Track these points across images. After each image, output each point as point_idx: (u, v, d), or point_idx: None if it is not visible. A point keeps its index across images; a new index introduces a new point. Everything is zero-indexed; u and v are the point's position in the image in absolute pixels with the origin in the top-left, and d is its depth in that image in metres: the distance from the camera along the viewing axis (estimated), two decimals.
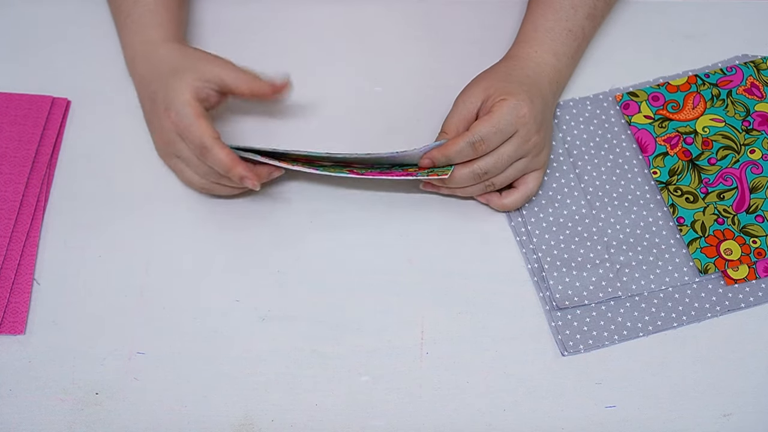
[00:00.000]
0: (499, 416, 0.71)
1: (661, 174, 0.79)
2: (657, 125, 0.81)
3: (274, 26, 0.87)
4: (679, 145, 0.80)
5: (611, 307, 0.74)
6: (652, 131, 0.81)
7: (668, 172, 0.79)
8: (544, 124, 0.76)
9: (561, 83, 0.80)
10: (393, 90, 0.84)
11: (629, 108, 0.82)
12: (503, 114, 0.73)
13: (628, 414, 0.71)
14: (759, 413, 0.71)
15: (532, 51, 0.79)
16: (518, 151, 0.74)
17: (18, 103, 0.82)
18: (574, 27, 0.80)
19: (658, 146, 0.80)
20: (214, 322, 0.74)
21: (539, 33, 0.80)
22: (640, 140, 0.80)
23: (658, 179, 0.79)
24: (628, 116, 0.82)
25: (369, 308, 0.75)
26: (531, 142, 0.74)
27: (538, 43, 0.79)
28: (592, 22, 0.81)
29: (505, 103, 0.73)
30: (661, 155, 0.80)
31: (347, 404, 0.71)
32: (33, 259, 0.76)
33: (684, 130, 0.80)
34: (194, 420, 0.70)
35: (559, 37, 0.79)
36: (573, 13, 0.80)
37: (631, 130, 0.81)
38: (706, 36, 0.87)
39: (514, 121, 0.73)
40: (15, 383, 0.71)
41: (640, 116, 0.82)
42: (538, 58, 0.79)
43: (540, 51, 0.79)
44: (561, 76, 0.80)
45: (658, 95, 0.83)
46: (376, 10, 0.89)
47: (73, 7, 0.88)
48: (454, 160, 0.74)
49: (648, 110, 0.82)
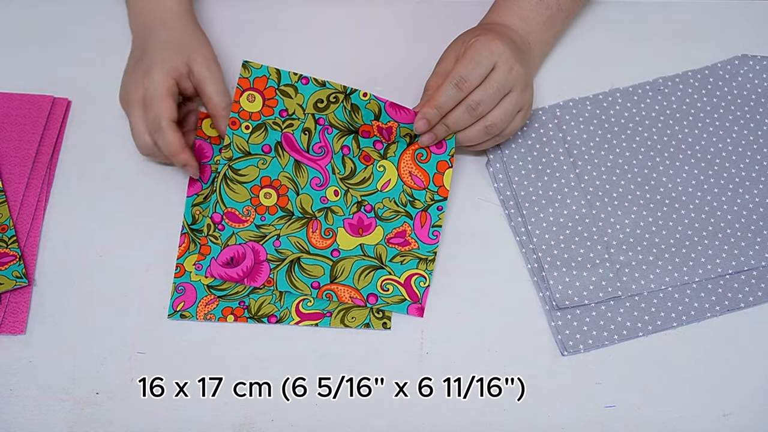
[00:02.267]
0: (499, 416, 0.71)
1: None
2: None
3: (274, 26, 0.87)
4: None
5: (611, 307, 0.74)
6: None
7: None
8: (522, 59, 0.75)
9: (532, 45, 0.80)
10: (393, 90, 0.84)
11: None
12: (477, 50, 0.73)
13: (628, 414, 0.71)
14: (759, 413, 0.71)
15: (496, 17, 0.80)
16: (504, 80, 0.73)
17: (19, 103, 0.82)
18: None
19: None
20: (214, 321, 0.74)
21: (507, 1, 0.81)
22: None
23: None
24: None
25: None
26: (514, 72, 0.74)
27: (503, 10, 0.80)
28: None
29: (477, 41, 0.74)
30: None
31: (347, 404, 0.71)
32: (33, 259, 0.76)
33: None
34: (194, 420, 0.70)
35: (527, 5, 0.80)
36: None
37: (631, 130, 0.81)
38: (706, 36, 0.87)
39: (489, 54, 0.73)
40: (15, 383, 0.71)
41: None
42: (503, 20, 0.80)
43: (505, 17, 0.80)
44: (531, 37, 0.80)
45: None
46: (376, 10, 0.89)
47: (73, 7, 0.88)
48: (444, 106, 0.73)
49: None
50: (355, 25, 0.88)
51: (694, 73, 0.85)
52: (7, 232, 0.76)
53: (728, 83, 0.84)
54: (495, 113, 0.74)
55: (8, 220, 0.76)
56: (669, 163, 0.81)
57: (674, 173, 0.80)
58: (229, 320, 0.74)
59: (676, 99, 0.84)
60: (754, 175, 0.80)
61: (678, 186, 0.80)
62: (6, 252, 0.75)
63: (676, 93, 0.84)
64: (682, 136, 0.82)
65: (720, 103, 0.84)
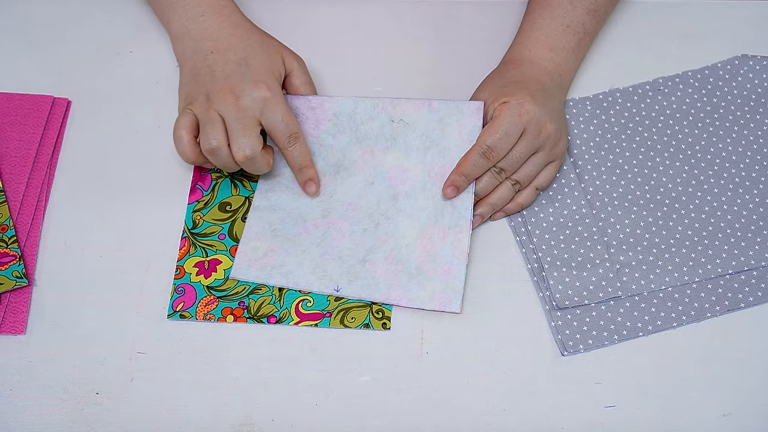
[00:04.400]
0: (499, 416, 0.71)
1: None
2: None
3: (275, 26, 0.87)
4: None
5: (611, 307, 0.74)
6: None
7: None
8: (554, 113, 0.75)
9: (563, 75, 0.80)
10: (393, 90, 0.84)
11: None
12: (505, 117, 0.73)
13: (628, 414, 0.71)
14: (759, 413, 0.71)
15: (526, 51, 0.79)
16: (531, 146, 0.74)
17: (19, 103, 0.82)
18: (573, 23, 0.80)
19: None
20: (214, 322, 0.74)
21: (534, 31, 0.80)
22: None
23: None
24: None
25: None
26: (543, 134, 0.74)
27: (532, 41, 0.79)
28: (594, 17, 0.81)
29: (506, 106, 0.73)
30: None
31: (347, 404, 0.71)
32: (33, 259, 0.76)
33: None
34: (194, 420, 0.70)
35: (555, 33, 0.79)
36: (571, 9, 0.80)
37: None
38: (706, 36, 0.87)
39: (518, 121, 0.73)
40: (15, 383, 0.71)
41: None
42: (533, 56, 0.79)
43: (534, 48, 0.79)
44: (561, 68, 0.79)
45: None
46: (376, 10, 0.89)
47: (73, 7, 0.88)
48: (471, 174, 0.74)
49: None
50: (355, 25, 0.88)
51: (694, 73, 0.85)
52: (7, 232, 0.76)
53: (728, 83, 0.84)
54: (520, 173, 0.75)
55: (8, 220, 0.76)
56: (669, 163, 0.81)
57: (674, 173, 0.80)
58: (229, 320, 0.74)
59: (676, 99, 0.84)
60: (754, 175, 0.80)
61: (678, 186, 0.80)
62: (6, 252, 0.75)
63: (676, 93, 0.84)
64: (682, 136, 0.82)
65: (720, 103, 0.84)
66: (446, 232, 0.75)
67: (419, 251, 0.75)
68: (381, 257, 0.75)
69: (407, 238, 0.75)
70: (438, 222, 0.75)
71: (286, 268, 0.75)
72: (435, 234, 0.75)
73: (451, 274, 0.74)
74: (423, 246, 0.75)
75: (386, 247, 0.75)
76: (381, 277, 0.74)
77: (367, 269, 0.74)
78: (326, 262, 0.75)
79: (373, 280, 0.74)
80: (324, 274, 0.74)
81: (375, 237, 0.75)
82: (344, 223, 0.76)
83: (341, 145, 0.78)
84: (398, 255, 0.75)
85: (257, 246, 0.75)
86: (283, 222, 0.76)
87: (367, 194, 0.77)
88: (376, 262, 0.75)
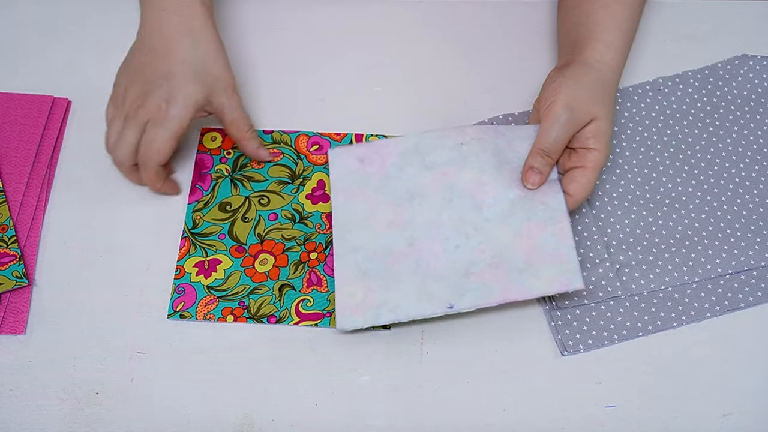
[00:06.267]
0: (499, 416, 0.71)
1: None
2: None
3: (275, 26, 0.88)
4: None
5: (611, 307, 0.74)
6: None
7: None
8: (609, 113, 0.75)
9: (620, 68, 0.78)
10: (393, 90, 0.84)
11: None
12: (600, 159, 0.73)
13: (628, 414, 0.71)
14: (759, 413, 0.71)
15: (597, 53, 0.76)
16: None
17: (19, 103, 0.82)
18: (622, 17, 0.78)
19: None
20: (214, 321, 0.74)
21: (592, 29, 0.77)
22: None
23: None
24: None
25: None
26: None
27: (596, 39, 0.77)
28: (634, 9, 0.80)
29: (596, 144, 0.73)
30: None
31: (347, 404, 0.71)
32: (33, 259, 0.76)
33: None
34: (194, 420, 0.70)
35: (611, 27, 0.77)
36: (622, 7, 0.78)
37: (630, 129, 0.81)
38: (706, 36, 0.87)
39: (604, 149, 0.73)
40: (15, 383, 0.71)
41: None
42: (599, 56, 0.76)
43: (600, 47, 0.77)
44: (616, 62, 0.77)
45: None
46: (376, 10, 0.89)
47: (73, 7, 0.88)
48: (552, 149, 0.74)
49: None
50: (355, 25, 0.88)
51: (694, 73, 0.85)
52: (7, 232, 0.76)
53: (728, 83, 0.84)
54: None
55: (8, 220, 0.76)
56: (669, 163, 0.81)
57: (674, 173, 0.80)
58: (229, 320, 0.74)
59: (676, 99, 0.84)
60: (754, 175, 0.80)
61: (678, 186, 0.80)
62: (6, 252, 0.75)
63: (676, 93, 0.84)
64: (682, 136, 0.82)
65: (720, 103, 0.84)
66: (544, 226, 0.72)
67: (521, 249, 0.72)
68: (484, 266, 0.72)
69: (504, 240, 0.72)
70: (531, 219, 0.73)
71: (391, 303, 0.71)
72: (532, 230, 0.72)
73: (561, 258, 0.71)
74: (523, 243, 0.72)
75: (485, 256, 0.72)
76: (492, 282, 0.71)
77: (473, 280, 0.71)
78: (429, 286, 0.72)
79: (484, 287, 0.71)
80: (431, 297, 0.71)
81: (470, 249, 0.72)
82: (434, 244, 0.73)
83: (409, 175, 0.75)
84: (501, 258, 0.72)
85: (353, 291, 0.72)
86: (371, 260, 0.73)
87: (448, 210, 0.74)
88: (481, 272, 0.72)
